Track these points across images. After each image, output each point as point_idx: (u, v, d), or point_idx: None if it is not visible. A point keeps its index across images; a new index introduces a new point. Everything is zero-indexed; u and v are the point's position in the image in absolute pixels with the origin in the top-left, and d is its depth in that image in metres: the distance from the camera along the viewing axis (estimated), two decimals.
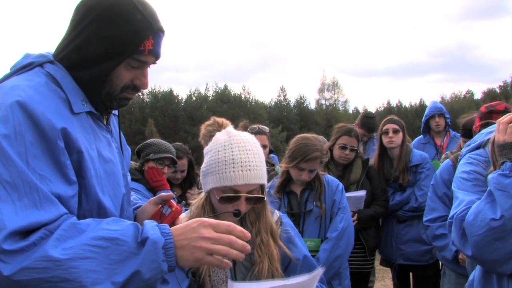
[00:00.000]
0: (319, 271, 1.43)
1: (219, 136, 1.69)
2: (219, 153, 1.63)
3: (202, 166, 1.71)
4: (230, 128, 1.73)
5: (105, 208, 1.31)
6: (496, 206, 1.46)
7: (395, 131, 3.84)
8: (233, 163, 1.59)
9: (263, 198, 1.67)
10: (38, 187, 1.12)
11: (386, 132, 3.86)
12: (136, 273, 1.12)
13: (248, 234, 1.20)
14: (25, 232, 1.08)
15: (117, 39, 1.29)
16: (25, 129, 1.13)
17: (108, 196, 1.33)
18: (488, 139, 1.68)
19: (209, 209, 1.72)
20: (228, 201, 1.62)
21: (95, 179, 1.28)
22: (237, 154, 1.61)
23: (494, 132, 1.65)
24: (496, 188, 1.48)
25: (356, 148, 3.55)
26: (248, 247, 1.20)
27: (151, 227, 1.19)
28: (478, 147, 1.75)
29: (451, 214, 1.66)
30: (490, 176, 1.53)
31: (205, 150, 1.72)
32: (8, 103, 1.15)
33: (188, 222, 1.22)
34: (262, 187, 1.68)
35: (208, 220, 1.20)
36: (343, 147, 3.51)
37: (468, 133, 3.79)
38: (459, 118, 4.05)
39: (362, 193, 3.41)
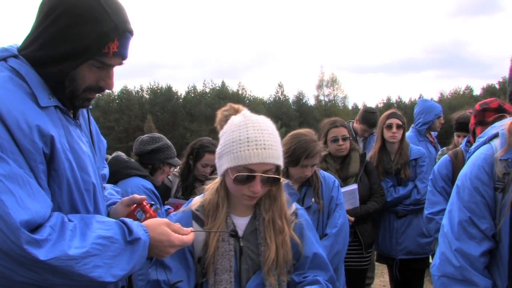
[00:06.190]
0: None
1: (234, 118, 1.68)
2: (234, 133, 1.62)
3: (217, 149, 1.69)
4: (245, 111, 1.72)
5: (77, 200, 1.36)
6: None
7: (399, 127, 3.83)
8: (248, 142, 1.57)
9: (279, 179, 1.64)
10: (29, 179, 1.16)
11: (390, 126, 3.83)
12: (133, 268, 1.32)
13: None
14: (32, 227, 1.15)
15: (79, 40, 1.26)
16: None
17: (82, 189, 1.36)
18: (497, 133, 1.57)
19: (224, 193, 1.70)
20: (243, 182, 1.59)
21: (68, 171, 1.30)
22: (252, 133, 1.59)
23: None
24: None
25: (347, 136, 3.51)
26: None
27: (136, 226, 1.37)
28: (485, 143, 1.60)
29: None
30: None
31: (221, 133, 1.70)
32: None
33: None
34: (277, 169, 1.65)
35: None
36: (335, 140, 3.48)
37: (462, 127, 3.78)
38: (453, 114, 4.05)
39: (354, 186, 3.41)
